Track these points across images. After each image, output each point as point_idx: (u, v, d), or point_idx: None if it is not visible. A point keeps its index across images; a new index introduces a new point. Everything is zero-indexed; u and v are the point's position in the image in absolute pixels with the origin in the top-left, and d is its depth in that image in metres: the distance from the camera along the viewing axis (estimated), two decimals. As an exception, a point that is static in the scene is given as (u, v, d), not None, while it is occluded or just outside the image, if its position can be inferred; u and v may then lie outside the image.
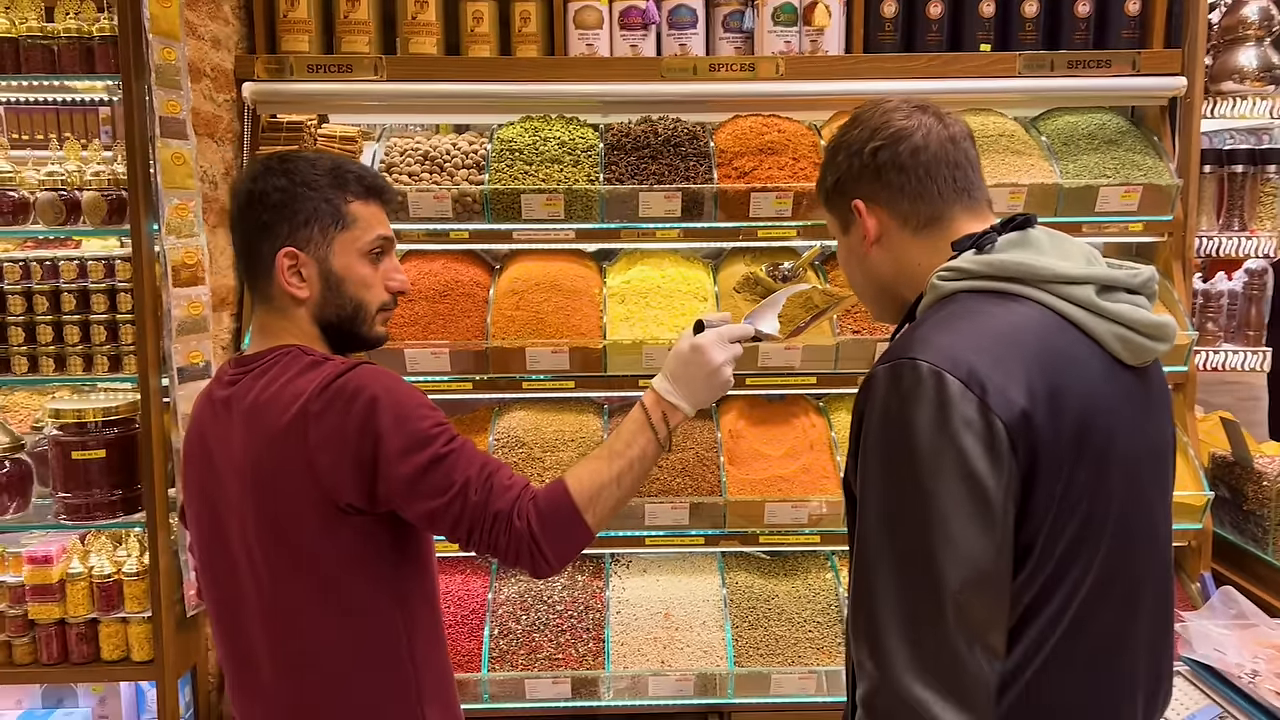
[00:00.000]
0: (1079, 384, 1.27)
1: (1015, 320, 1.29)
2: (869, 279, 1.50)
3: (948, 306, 1.34)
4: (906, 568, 1.22)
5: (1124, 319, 1.31)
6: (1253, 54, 3.00)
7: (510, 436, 2.83)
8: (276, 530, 1.52)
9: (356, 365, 1.55)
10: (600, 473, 1.57)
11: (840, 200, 1.48)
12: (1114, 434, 1.29)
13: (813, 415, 2.93)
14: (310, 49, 2.91)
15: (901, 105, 1.45)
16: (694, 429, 2.86)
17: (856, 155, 1.44)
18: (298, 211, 1.57)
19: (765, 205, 2.80)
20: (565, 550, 1.54)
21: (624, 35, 2.93)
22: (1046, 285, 1.31)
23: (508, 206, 2.79)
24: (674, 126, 2.93)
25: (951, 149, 1.42)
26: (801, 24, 2.92)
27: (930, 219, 1.42)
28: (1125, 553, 1.31)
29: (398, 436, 1.47)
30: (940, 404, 1.20)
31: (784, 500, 2.70)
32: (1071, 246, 1.38)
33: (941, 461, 1.20)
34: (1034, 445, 1.21)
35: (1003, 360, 1.23)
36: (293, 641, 1.56)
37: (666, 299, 2.84)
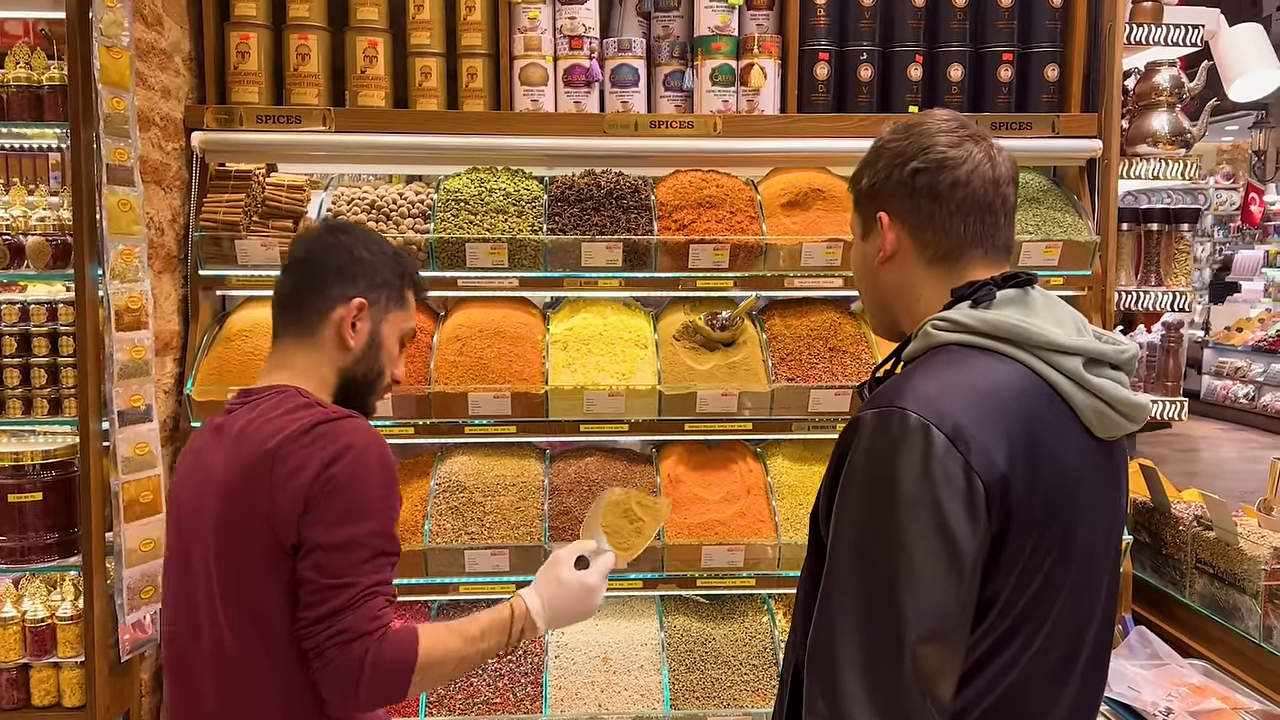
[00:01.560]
0: (1056, 453, 1.31)
1: (1004, 382, 1.32)
2: (872, 291, 1.53)
3: (938, 357, 1.37)
4: (871, 611, 1.25)
5: (1105, 395, 1.34)
6: (1165, 119, 3.17)
7: (452, 481, 2.86)
8: (231, 560, 1.58)
9: (348, 416, 1.66)
10: (450, 650, 1.62)
11: (868, 205, 1.49)
12: (1081, 505, 1.34)
13: (750, 460, 3.00)
14: (260, 100, 2.97)
15: (955, 128, 1.43)
16: (634, 474, 2.92)
17: (897, 168, 1.43)
18: (377, 275, 1.77)
19: (703, 256, 2.89)
20: (378, 698, 1.55)
21: (568, 92, 3.03)
22: (1036, 350, 1.34)
23: (452, 255, 2.86)
24: (616, 180, 3.02)
25: (991, 192, 1.42)
26: (739, 84, 3.04)
27: (946, 255, 1.43)
28: (1075, 614, 1.36)
29: (343, 499, 1.54)
30: (925, 456, 1.24)
31: (720, 544, 2.76)
32: (1064, 312, 1.41)
33: (920, 512, 1.23)
34: (1008, 508, 1.26)
35: (988, 420, 1.27)
36: (234, 676, 1.60)
37: (608, 346, 2.91)
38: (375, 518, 1.57)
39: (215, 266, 2.85)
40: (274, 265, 2.83)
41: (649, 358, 2.91)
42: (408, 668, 1.54)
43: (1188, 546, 2.80)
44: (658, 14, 3.13)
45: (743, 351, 2.93)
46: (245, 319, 2.93)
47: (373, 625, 1.52)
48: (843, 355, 2.91)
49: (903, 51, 3.06)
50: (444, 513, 2.78)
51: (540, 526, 2.77)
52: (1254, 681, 2.50)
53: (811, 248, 2.89)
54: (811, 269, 2.92)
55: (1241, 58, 3.12)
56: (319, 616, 1.51)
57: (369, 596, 1.53)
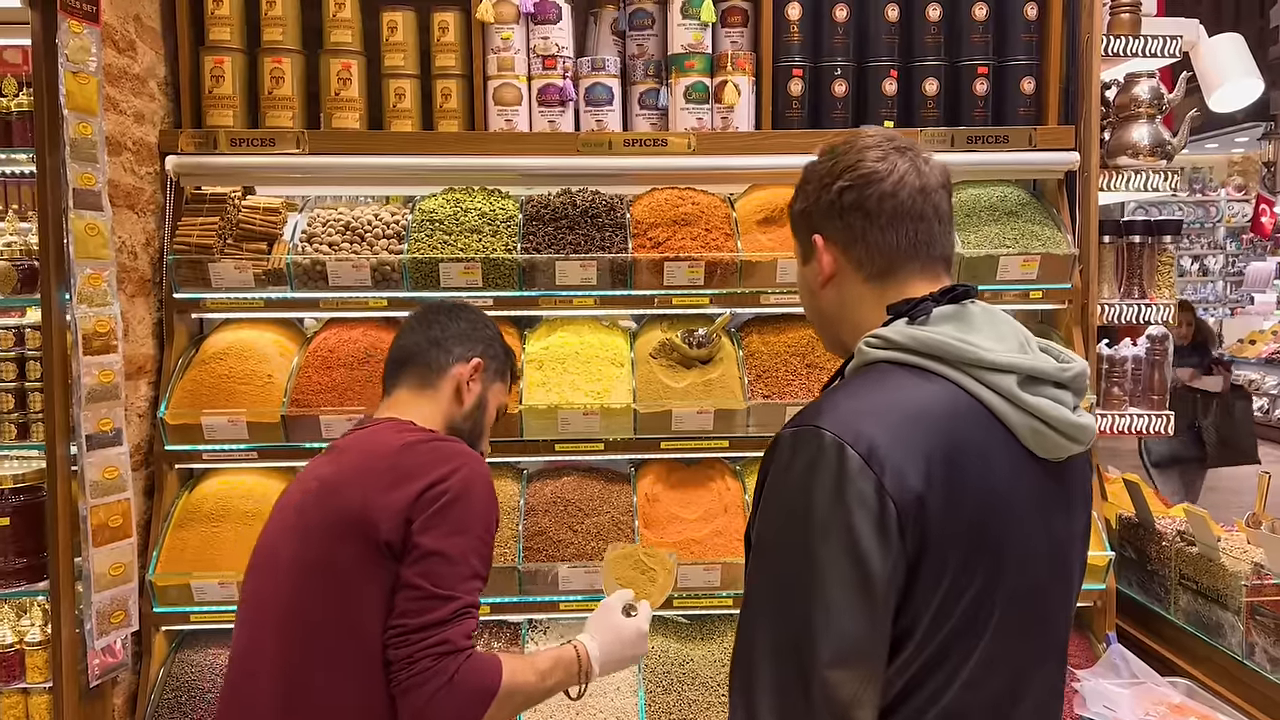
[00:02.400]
0: (982, 475, 1.27)
1: (928, 401, 1.29)
2: (816, 314, 1.51)
3: (868, 374, 1.35)
4: (783, 633, 1.23)
5: (1041, 413, 1.31)
6: (1145, 130, 3.15)
7: (428, 502, 2.84)
8: (319, 562, 1.63)
9: (461, 440, 1.80)
10: (527, 683, 1.68)
11: (804, 229, 1.47)
12: (1011, 526, 1.30)
13: (728, 479, 2.98)
14: (235, 123, 2.98)
15: (880, 143, 1.42)
16: (610, 493, 2.90)
17: (825, 189, 1.42)
18: (492, 347, 2.01)
19: (679, 274, 2.88)
20: (454, 713, 1.57)
21: (542, 111, 3.03)
22: (968, 368, 1.31)
23: (426, 275, 2.85)
24: (592, 198, 3.02)
25: (920, 201, 1.39)
26: (713, 101, 3.04)
27: (883, 271, 1.40)
28: (1012, 642, 1.31)
29: (457, 511, 1.62)
30: (838, 476, 1.22)
31: (697, 563, 2.73)
32: (1006, 328, 1.38)
33: (831, 534, 1.21)
34: (924, 531, 1.22)
35: (906, 441, 1.24)
36: (298, 688, 1.63)
37: (584, 365, 2.89)
38: (479, 537, 1.65)
39: (190, 289, 2.86)
40: (248, 288, 2.84)
41: (625, 376, 2.89)
42: (490, 693, 1.59)
43: (1171, 562, 2.76)
44: (632, 33, 3.13)
45: (719, 369, 2.91)
46: (221, 341, 2.93)
47: (467, 644, 1.58)
48: (819, 372, 2.88)
49: (877, 66, 3.05)
50: (418, 534, 2.76)
51: (515, 548, 2.75)
52: (1238, 699, 2.45)
53: (787, 263, 2.88)
54: (787, 285, 2.91)
55: (1221, 67, 3.10)
56: (420, 625, 1.55)
57: (467, 615, 1.59)
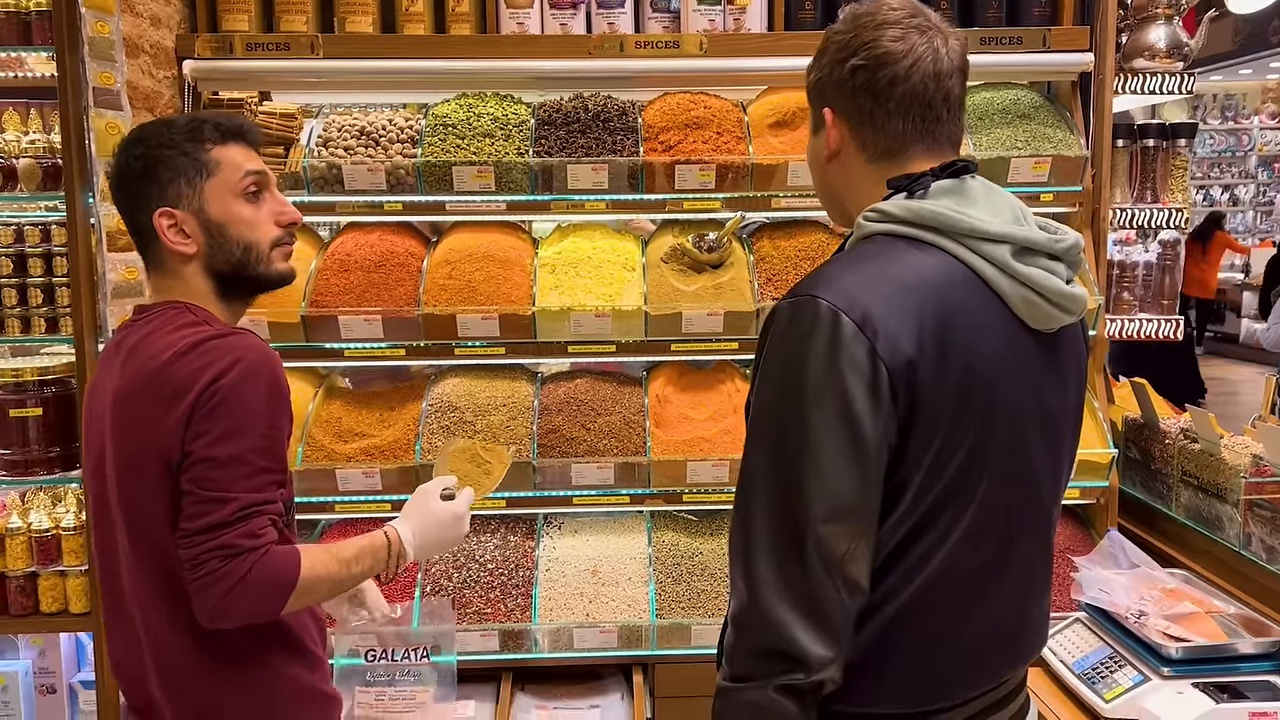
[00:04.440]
0: (972, 341, 1.31)
1: (922, 270, 1.32)
2: (823, 186, 1.54)
3: (865, 246, 1.39)
4: (779, 495, 1.28)
5: (1033, 283, 1.34)
6: (1163, 32, 3.12)
7: (444, 402, 2.92)
8: (126, 476, 1.59)
9: (237, 332, 1.63)
10: (329, 573, 1.62)
11: (816, 100, 1.48)
12: (1002, 393, 1.34)
13: (738, 380, 3.03)
14: (250, 28, 3.00)
15: (902, 19, 1.39)
16: (622, 394, 2.96)
17: (839, 64, 1.41)
18: (160, 172, 1.63)
19: (690, 178, 2.90)
20: (252, 612, 1.54)
21: (554, 14, 3.03)
22: (962, 239, 1.34)
23: (440, 179, 2.89)
24: (604, 102, 3.03)
25: (932, 87, 1.38)
26: (725, 3, 3.02)
27: (886, 151, 1.42)
28: (1000, 508, 1.36)
29: (227, 414, 1.53)
30: (832, 343, 1.26)
31: (704, 459, 2.80)
32: (1002, 202, 1.40)
33: (825, 397, 1.26)
34: (915, 394, 1.27)
35: (899, 309, 1.28)
36: (137, 586, 1.63)
37: (596, 269, 2.94)
38: (260, 435, 1.56)
39: (209, 193, 2.91)
40: (266, 191, 2.89)
41: (636, 280, 2.94)
42: (287, 587, 1.55)
43: (1174, 460, 2.81)
44: (644, -66, 3.11)
45: (730, 273, 2.95)
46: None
47: (254, 543, 1.52)
48: (828, 273, 2.91)
49: (891, -33, 3.01)
50: (435, 431, 2.84)
51: (529, 445, 2.83)
52: (1233, 588, 2.51)
53: (798, 166, 2.89)
54: (798, 189, 2.92)
55: (1242, -33, 3.04)
56: (200, 529, 1.51)
57: (251, 514, 1.53)
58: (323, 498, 2.81)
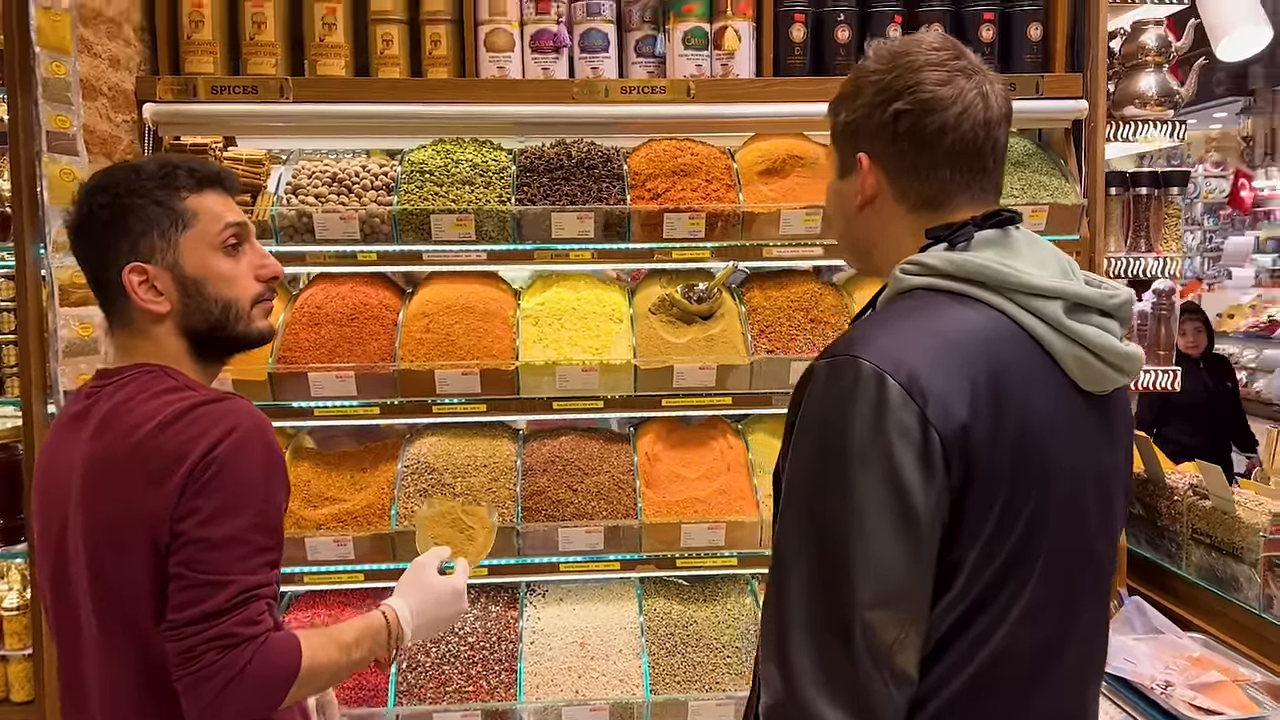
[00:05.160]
0: (1026, 403, 1.21)
1: (969, 327, 1.23)
2: (849, 235, 1.44)
3: (904, 302, 1.29)
4: (820, 574, 1.16)
5: (1088, 342, 1.25)
6: (1153, 80, 3.08)
7: (420, 463, 2.75)
8: (102, 566, 1.42)
9: (229, 397, 1.47)
10: (330, 660, 1.49)
11: (847, 142, 1.38)
12: (1057, 458, 1.24)
13: (730, 437, 2.90)
14: (216, 70, 2.85)
15: (945, 60, 1.31)
16: (610, 452, 2.81)
17: (878, 107, 1.32)
18: (131, 223, 1.48)
19: (679, 226, 2.79)
20: (251, 708, 1.39)
21: (535, 58, 2.92)
22: (1011, 294, 1.25)
23: (417, 228, 2.75)
24: (588, 149, 2.91)
25: (982, 136, 1.31)
26: (712, 48, 2.93)
27: (929, 201, 1.33)
28: (1060, 581, 1.26)
29: (223, 489, 1.38)
30: (878, 407, 1.15)
31: (700, 522, 2.65)
32: (1047, 254, 1.31)
33: (870, 466, 1.15)
34: (970, 462, 1.16)
35: (949, 369, 1.18)
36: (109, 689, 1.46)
37: (581, 320, 2.80)
38: (256, 510, 1.42)
39: (170, 243, 2.74)
40: (231, 241, 2.72)
41: (624, 332, 2.80)
42: (289, 678, 1.41)
43: (1184, 517, 2.71)
44: (628, -23, 3.02)
45: (721, 324, 2.82)
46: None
47: (254, 630, 1.37)
48: (823, 327, 2.80)
49: (881, 12, 2.95)
50: (411, 494, 2.67)
51: (513, 508, 2.66)
52: (1255, 654, 2.41)
53: (790, 215, 2.79)
54: (791, 237, 2.82)
55: (1228, 15, 3.02)
56: (193, 618, 1.36)
57: (249, 599, 1.39)
58: (290, 568, 2.61)
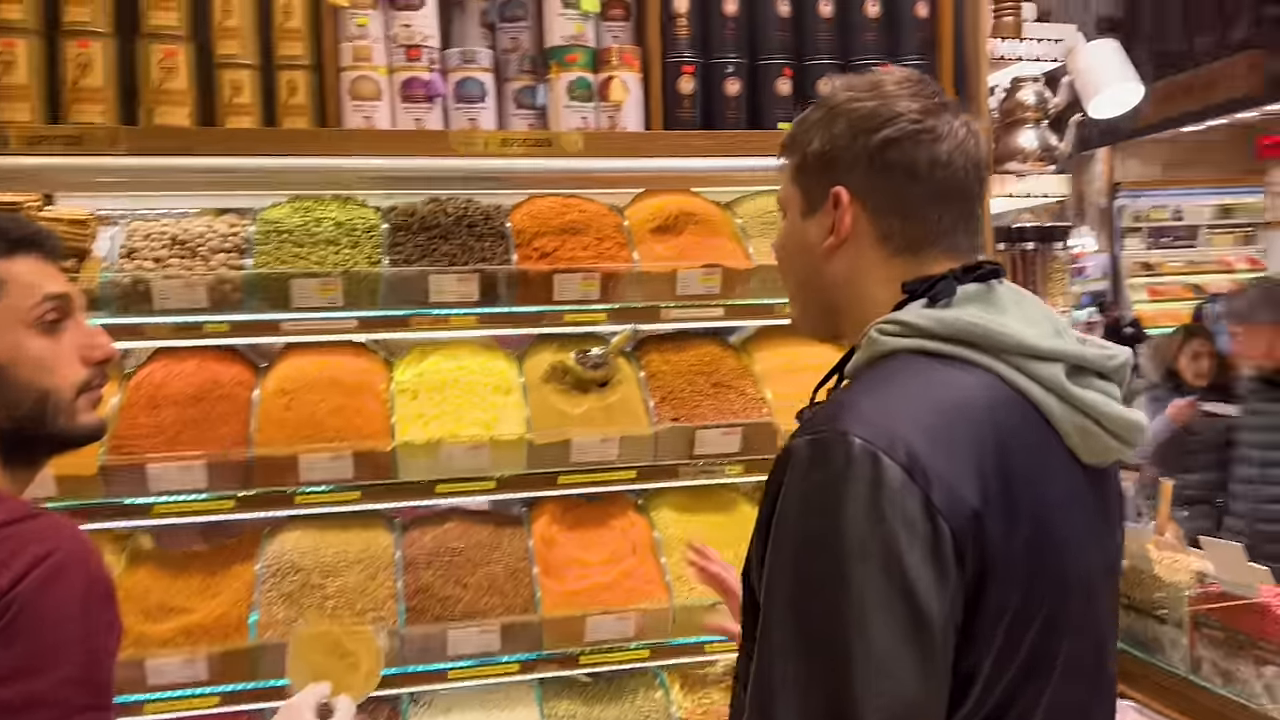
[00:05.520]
0: (1037, 483, 1.06)
1: (967, 393, 1.07)
2: (811, 283, 1.25)
3: (887, 366, 1.11)
4: (814, 693, 0.96)
5: (1091, 409, 1.10)
6: (1032, 135, 3.10)
7: (283, 562, 2.40)
8: None
9: (37, 514, 1.16)
10: None
11: (818, 175, 1.21)
12: (1073, 556, 1.10)
13: (632, 514, 2.67)
14: (32, 118, 2.46)
15: (920, 90, 1.18)
16: (502, 538, 2.54)
17: (861, 134, 1.17)
18: None
19: (571, 288, 2.57)
20: None
21: (406, 108, 2.66)
22: (1008, 356, 1.09)
23: (275, 294, 2.43)
24: (466, 206, 2.67)
25: (973, 176, 1.18)
26: (598, 99, 2.76)
27: (914, 243, 1.18)
28: (1080, 681, 1.12)
29: (25, 636, 1.07)
30: (874, 493, 0.98)
31: (607, 612, 2.40)
32: (1037, 310, 1.17)
33: (871, 564, 0.97)
34: (984, 556, 1.00)
35: (952, 445, 1.01)
36: None
37: (466, 393, 2.53)
38: (75, 661, 1.11)
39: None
40: (51, 313, 2.33)
41: (514, 403, 2.55)
42: None
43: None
44: (504, 24, 2.82)
45: (619, 392, 2.61)
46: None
47: None
48: (729, 392, 2.63)
49: (770, 64, 2.85)
50: (275, 601, 2.32)
51: (394, 609, 2.34)
52: (1184, 718, 2.32)
53: (688, 274, 2.62)
54: (689, 298, 2.65)
55: (1100, 74, 3.08)
56: None
57: None
58: (127, 696, 2.20)
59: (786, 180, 1.30)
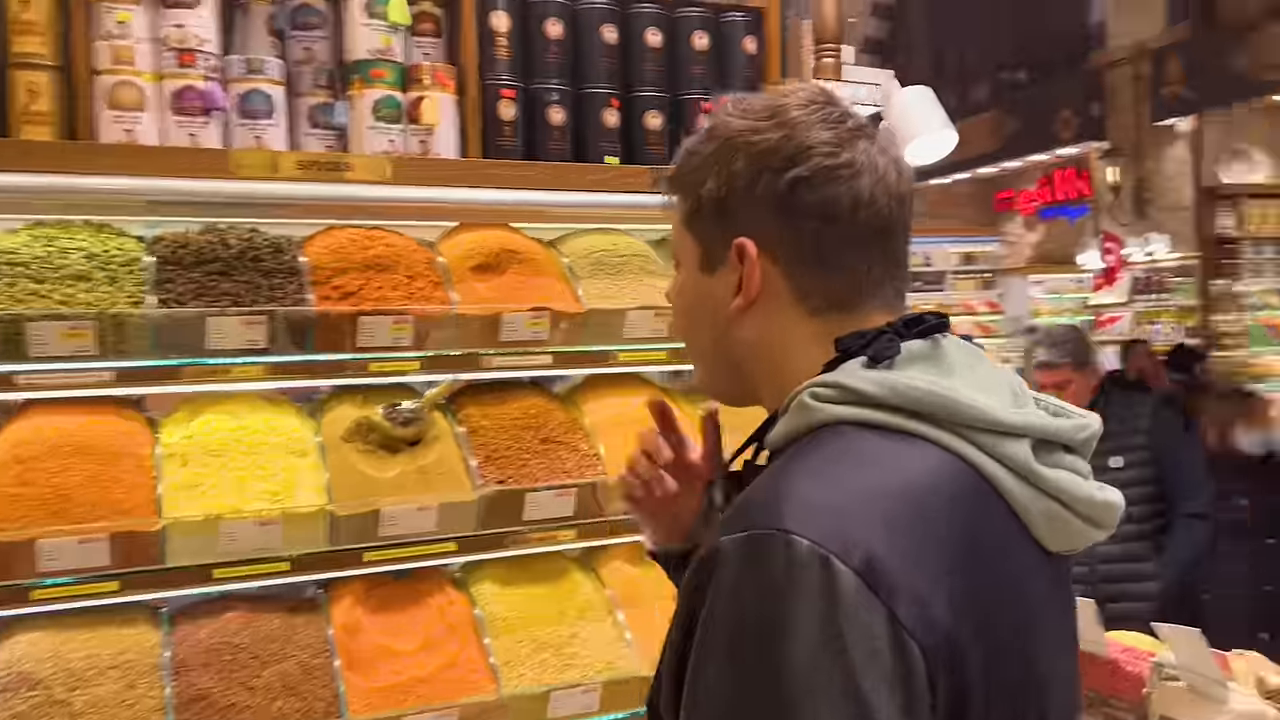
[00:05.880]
0: (1009, 585, 0.90)
1: (928, 480, 0.88)
2: (717, 346, 1.04)
3: (825, 441, 0.91)
4: None
5: (1064, 494, 0.93)
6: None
7: (15, 672, 1.92)
8: None
9: None
10: None
11: (716, 223, 1.01)
12: (1048, 650, 0.96)
13: (450, 590, 2.34)
14: None
15: (828, 115, 0.98)
16: (295, 628, 2.15)
17: (765, 173, 0.97)
18: None
19: (379, 333, 2.24)
20: None
21: (179, 121, 2.27)
22: (968, 431, 0.91)
23: (8, 341, 1.97)
24: (250, 237, 2.30)
25: (898, 212, 0.99)
26: (407, 121, 2.46)
27: (839, 300, 0.98)
28: None
29: None
30: (828, 611, 0.78)
31: (424, 709, 2.07)
32: (991, 373, 0.99)
33: (823, 701, 0.77)
34: (960, 681, 0.82)
35: (916, 546, 0.83)
36: None
37: (250, 455, 2.14)
38: None
39: None
40: None
41: (310, 468, 2.18)
42: None
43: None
44: (296, 33, 2.47)
45: (435, 451, 2.30)
46: None
47: None
48: (561, 448, 2.37)
49: (596, 93, 2.65)
50: (2, 726, 1.84)
51: (161, 724, 1.92)
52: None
53: (513, 319, 2.35)
54: (514, 344, 2.37)
55: (915, 120, 3.07)
56: None
57: None
58: None
59: (677, 225, 1.09)
